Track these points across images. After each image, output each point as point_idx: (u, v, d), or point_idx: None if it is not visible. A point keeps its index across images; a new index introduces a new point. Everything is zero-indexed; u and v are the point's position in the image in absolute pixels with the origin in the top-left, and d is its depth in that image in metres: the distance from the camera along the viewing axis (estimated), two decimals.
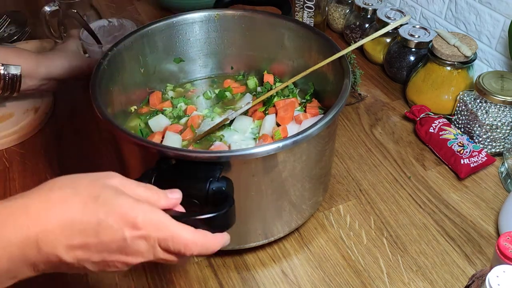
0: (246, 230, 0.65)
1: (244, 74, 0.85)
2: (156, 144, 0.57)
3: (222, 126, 0.74)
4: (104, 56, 0.70)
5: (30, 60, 0.84)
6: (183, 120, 0.78)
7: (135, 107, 0.79)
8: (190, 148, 0.72)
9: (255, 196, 0.61)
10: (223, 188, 0.51)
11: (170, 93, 0.83)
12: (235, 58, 0.84)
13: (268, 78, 0.82)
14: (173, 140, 0.71)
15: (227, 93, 0.82)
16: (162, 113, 0.78)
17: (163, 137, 0.73)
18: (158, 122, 0.76)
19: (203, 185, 0.51)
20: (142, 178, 0.51)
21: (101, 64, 0.68)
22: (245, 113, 0.76)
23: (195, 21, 0.79)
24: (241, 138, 0.72)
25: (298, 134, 0.56)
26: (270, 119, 0.74)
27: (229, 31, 0.81)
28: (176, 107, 0.79)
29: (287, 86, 0.80)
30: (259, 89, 0.82)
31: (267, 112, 0.77)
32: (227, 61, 0.85)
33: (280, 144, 0.55)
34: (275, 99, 0.78)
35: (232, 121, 0.75)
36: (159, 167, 0.53)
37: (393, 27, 0.69)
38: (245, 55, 0.83)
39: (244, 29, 0.80)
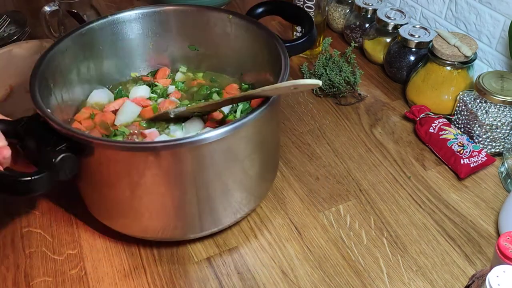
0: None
1: (249, 85, 0.82)
2: (36, 100, 0.62)
3: (177, 119, 0.73)
4: (98, 18, 0.74)
5: None
6: (160, 100, 0.78)
7: (137, 74, 0.83)
8: (135, 125, 0.73)
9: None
10: (54, 160, 0.55)
11: (178, 75, 0.83)
12: (244, 66, 0.82)
13: None
14: (129, 110, 0.75)
15: (215, 95, 0.80)
16: (150, 86, 0.79)
17: None
18: (136, 91, 0.79)
19: (41, 151, 0.57)
20: (12, 123, 0.61)
21: (91, 23, 0.75)
22: (205, 118, 0.74)
23: (211, 16, 0.79)
24: (180, 136, 0.71)
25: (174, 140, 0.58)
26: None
27: (239, 37, 0.79)
28: (167, 87, 0.80)
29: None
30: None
31: (217, 125, 0.74)
32: (236, 65, 0.83)
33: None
34: (230, 117, 0.75)
35: (187, 119, 0.73)
36: (26, 121, 0.61)
37: (300, 84, 0.60)
38: (251, 66, 0.81)
39: (251, 42, 0.78)
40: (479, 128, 0.82)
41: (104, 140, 0.62)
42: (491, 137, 0.82)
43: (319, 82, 0.58)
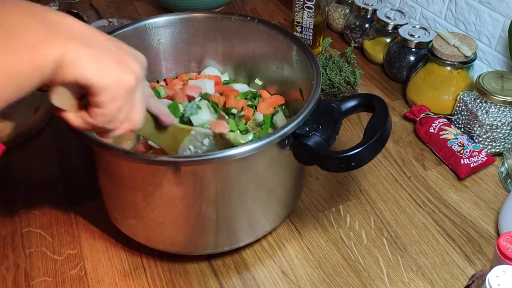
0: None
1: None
2: None
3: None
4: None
5: None
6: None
7: (260, 82, 0.83)
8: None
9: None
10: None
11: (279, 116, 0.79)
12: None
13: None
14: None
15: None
16: (254, 97, 0.80)
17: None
18: (235, 85, 0.82)
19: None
20: None
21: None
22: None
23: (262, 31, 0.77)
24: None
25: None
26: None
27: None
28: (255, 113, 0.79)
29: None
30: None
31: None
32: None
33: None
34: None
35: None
36: None
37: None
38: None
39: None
40: (479, 128, 0.82)
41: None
42: (491, 137, 0.82)
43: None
